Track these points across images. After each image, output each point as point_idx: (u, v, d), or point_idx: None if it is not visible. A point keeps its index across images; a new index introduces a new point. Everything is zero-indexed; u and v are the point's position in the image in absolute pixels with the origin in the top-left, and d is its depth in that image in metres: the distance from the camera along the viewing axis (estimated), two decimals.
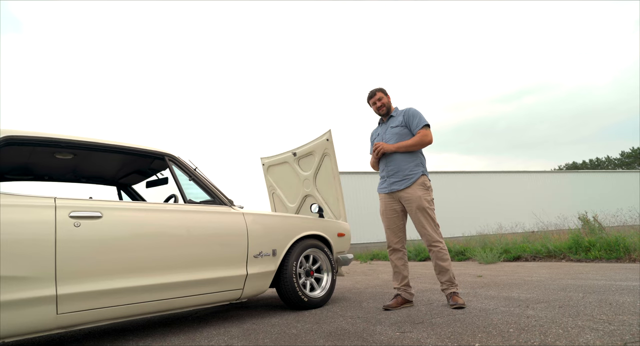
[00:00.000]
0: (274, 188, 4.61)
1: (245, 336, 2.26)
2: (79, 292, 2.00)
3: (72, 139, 2.32)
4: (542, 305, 2.52)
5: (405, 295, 2.83)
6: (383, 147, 2.81)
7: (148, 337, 2.42)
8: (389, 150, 2.81)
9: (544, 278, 3.86)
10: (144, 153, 2.64)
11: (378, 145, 2.83)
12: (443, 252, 2.72)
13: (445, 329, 2.05)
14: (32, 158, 2.73)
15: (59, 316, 1.95)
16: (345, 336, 2.06)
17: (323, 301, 3.09)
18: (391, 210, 2.87)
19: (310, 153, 4.00)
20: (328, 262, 3.26)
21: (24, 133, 2.15)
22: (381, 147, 2.81)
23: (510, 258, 6.53)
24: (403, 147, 2.80)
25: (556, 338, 1.73)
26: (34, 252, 1.91)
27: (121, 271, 2.17)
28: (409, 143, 2.79)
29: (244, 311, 3.24)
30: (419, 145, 2.79)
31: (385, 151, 2.82)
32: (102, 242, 2.13)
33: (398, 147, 2.80)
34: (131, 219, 2.29)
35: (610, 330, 1.80)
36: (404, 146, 2.80)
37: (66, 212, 2.05)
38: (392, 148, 2.81)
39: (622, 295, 2.65)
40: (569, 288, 3.13)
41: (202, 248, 2.52)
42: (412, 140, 2.79)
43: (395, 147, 2.81)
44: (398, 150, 2.81)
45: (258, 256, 2.79)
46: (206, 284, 2.49)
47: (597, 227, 6.17)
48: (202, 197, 2.79)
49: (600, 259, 5.15)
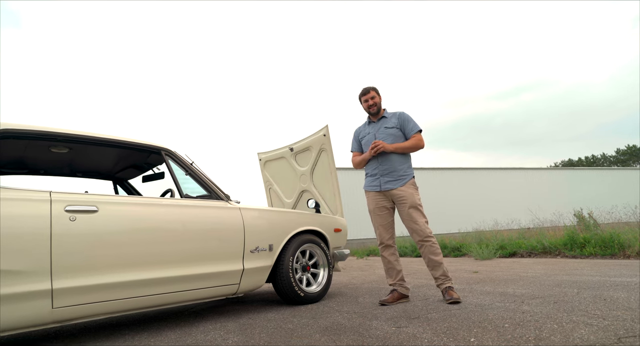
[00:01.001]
0: (271, 184, 4.61)
1: (241, 330, 2.26)
2: (74, 286, 1.99)
3: (68, 133, 2.30)
4: (537, 300, 2.54)
5: (401, 290, 2.84)
6: (384, 147, 2.83)
7: (144, 331, 2.42)
8: (388, 149, 2.84)
9: (539, 274, 3.88)
10: (141, 147, 2.62)
11: (378, 143, 2.83)
12: (435, 247, 2.77)
13: (441, 324, 2.06)
14: (27, 151, 2.71)
15: (54, 311, 1.94)
16: (341, 331, 2.07)
17: (319, 296, 3.10)
18: (381, 207, 2.92)
19: (307, 148, 3.99)
20: (324, 257, 3.27)
21: (20, 127, 2.13)
22: (382, 146, 2.82)
23: (506, 254, 6.57)
24: (401, 148, 2.88)
25: (551, 333, 1.74)
26: (29, 246, 1.90)
27: (117, 266, 2.16)
28: (406, 146, 2.88)
29: (240, 306, 3.24)
30: (414, 148, 2.91)
31: (385, 150, 2.85)
32: (97, 236, 2.12)
33: (396, 147, 2.86)
34: (127, 213, 2.28)
35: (605, 325, 1.81)
36: (401, 147, 2.87)
37: (62, 206, 2.04)
38: (391, 148, 2.85)
39: (617, 290, 2.67)
40: (564, 284, 3.15)
41: (199, 243, 2.52)
42: (409, 143, 2.89)
43: (393, 147, 2.86)
44: (395, 151, 2.86)
45: (254, 251, 2.79)
46: (202, 279, 2.49)
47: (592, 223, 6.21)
48: (198, 191, 2.79)
49: (595, 255, 5.19)
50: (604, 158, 49.94)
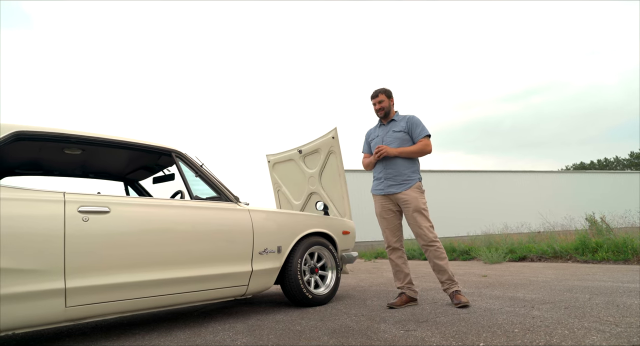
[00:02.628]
0: (280, 186, 4.63)
1: (250, 332, 2.27)
2: (87, 286, 2.03)
3: (81, 135, 2.35)
4: (548, 305, 2.51)
5: (409, 293, 2.83)
6: (387, 151, 2.82)
7: (154, 331, 2.44)
8: (392, 154, 2.84)
9: (550, 279, 3.83)
10: (151, 149, 2.66)
11: (382, 148, 2.83)
12: (440, 251, 2.76)
13: (449, 328, 2.05)
14: (41, 153, 2.76)
15: (67, 309, 1.98)
16: (349, 334, 2.07)
17: (327, 298, 3.10)
18: (388, 211, 2.92)
19: (316, 150, 4.00)
20: (333, 260, 3.27)
21: (33, 129, 2.17)
22: (385, 150, 2.82)
23: (516, 258, 6.49)
24: (405, 153, 2.85)
25: (562, 339, 1.72)
26: (43, 245, 1.94)
27: (128, 266, 2.19)
28: (411, 150, 2.85)
29: (249, 307, 3.26)
30: (420, 153, 2.87)
31: (388, 155, 2.84)
32: (109, 237, 2.15)
33: (400, 152, 2.84)
34: (138, 214, 2.31)
35: (617, 331, 1.79)
36: (406, 152, 2.85)
37: (75, 206, 2.08)
38: (394, 152, 2.84)
39: (630, 297, 2.62)
40: (575, 289, 3.11)
41: (208, 244, 2.54)
42: (414, 147, 2.86)
43: (397, 151, 2.84)
44: (400, 155, 2.84)
45: (263, 252, 2.80)
46: (211, 280, 2.51)
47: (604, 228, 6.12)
48: (208, 193, 2.81)
49: (608, 260, 5.10)
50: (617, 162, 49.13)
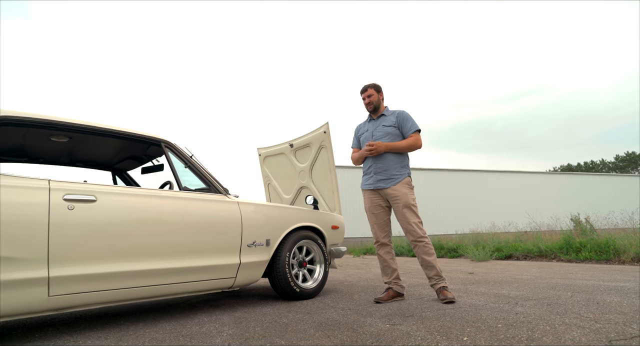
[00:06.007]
0: (270, 179, 4.61)
1: (236, 324, 2.27)
2: (71, 275, 2.00)
3: (69, 122, 2.30)
4: (531, 302, 2.55)
5: (396, 288, 2.85)
6: (377, 150, 2.81)
7: (139, 322, 2.43)
8: (381, 150, 2.82)
9: (534, 277, 3.90)
10: (141, 138, 2.62)
11: (375, 145, 2.81)
12: (428, 247, 2.77)
13: (434, 323, 2.07)
14: (27, 139, 2.71)
15: (50, 299, 1.95)
16: (335, 327, 2.08)
17: (315, 292, 3.11)
18: (377, 206, 2.91)
19: (307, 145, 3.99)
20: (321, 254, 3.28)
21: (20, 114, 2.13)
22: (376, 149, 2.81)
23: (502, 256, 6.59)
24: (395, 148, 2.84)
25: (543, 334, 1.76)
26: (26, 233, 1.91)
27: (114, 256, 2.17)
28: (401, 145, 2.84)
29: (236, 299, 3.25)
30: (410, 148, 2.86)
31: (379, 152, 2.83)
32: (95, 226, 2.12)
33: (390, 147, 2.83)
34: (125, 204, 2.29)
35: (596, 328, 1.83)
36: (395, 147, 2.84)
37: (60, 194, 2.04)
38: (383, 147, 2.82)
39: (610, 294, 2.68)
40: (558, 287, 3.17)
41: (196, 236, 2.53)
42: (404, 142, 2.84)
43: (387, 146, 2.83)
44: (389, 150, 2.84)
45: (252, 245, 2.80)
46: (199, 271, 2.50)
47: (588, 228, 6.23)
48: (197, 184, 2.79)
49: (591, 260, 5.21)
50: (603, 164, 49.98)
